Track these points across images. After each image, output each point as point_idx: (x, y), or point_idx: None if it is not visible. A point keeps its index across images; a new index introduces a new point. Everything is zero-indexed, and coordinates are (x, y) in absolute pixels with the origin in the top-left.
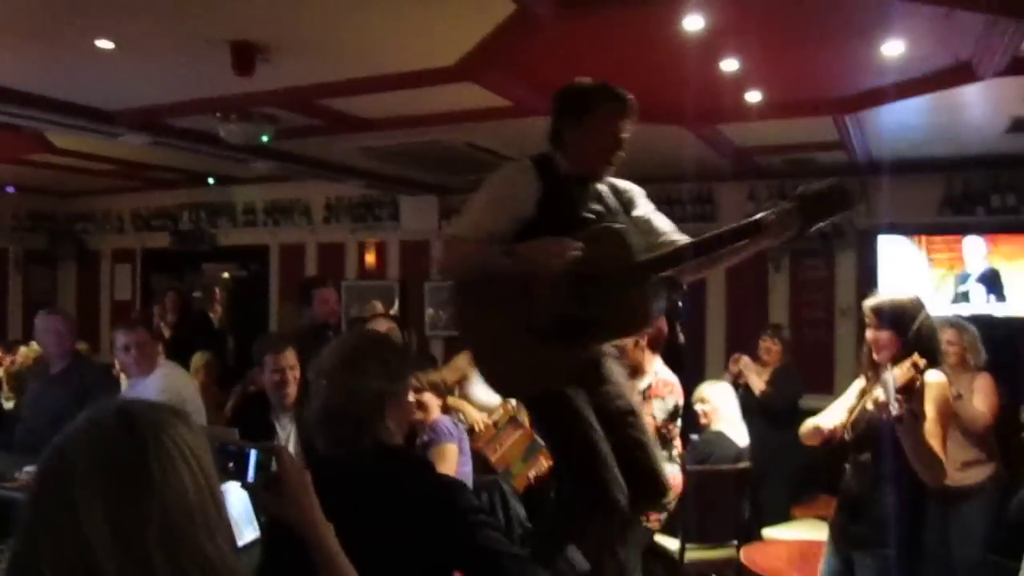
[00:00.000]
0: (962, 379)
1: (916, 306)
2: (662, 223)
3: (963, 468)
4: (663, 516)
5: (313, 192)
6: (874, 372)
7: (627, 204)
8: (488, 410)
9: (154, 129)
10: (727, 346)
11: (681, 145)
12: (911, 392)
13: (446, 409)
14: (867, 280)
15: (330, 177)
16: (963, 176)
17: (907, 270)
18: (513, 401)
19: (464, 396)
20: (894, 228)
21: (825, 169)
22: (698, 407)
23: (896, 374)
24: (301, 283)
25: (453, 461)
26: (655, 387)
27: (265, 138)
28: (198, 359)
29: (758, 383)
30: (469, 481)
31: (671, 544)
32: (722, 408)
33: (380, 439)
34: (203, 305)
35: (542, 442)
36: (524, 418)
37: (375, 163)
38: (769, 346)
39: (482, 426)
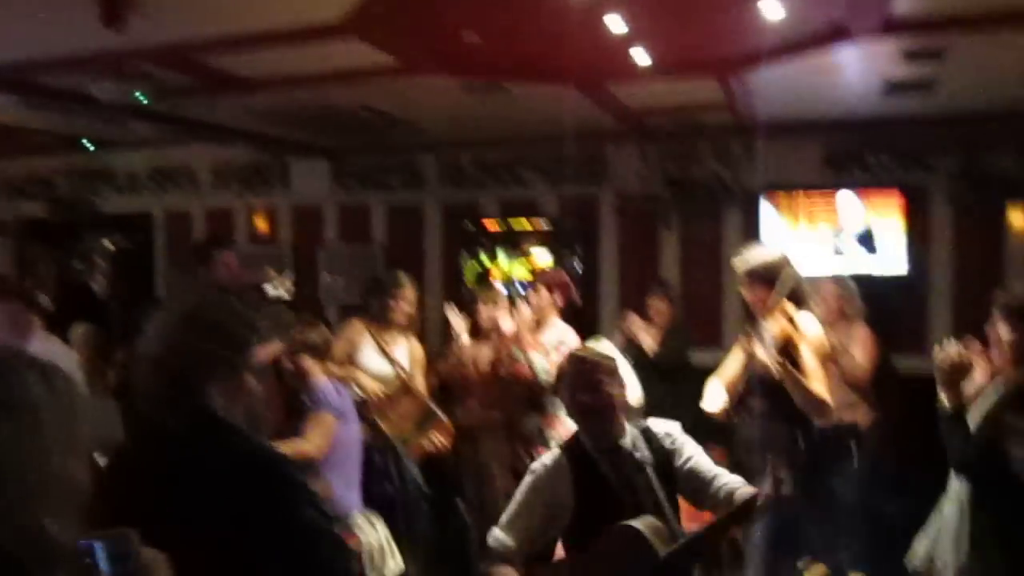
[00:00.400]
0: (841, 330)
1: (782, 262)
2: (705, 467)
3: (842, 409)
4: None
5: (199, 157)
6: (754, 327)
7: (667, 455)
8: (381, 379)
9: (21, 88)
10: (620, 306)
11: (570, 105)
12: (787, 341)
13: (329, 373)
14: (752, 238)
15: (216, 141)
16: (842, 136)
17: (788, 229)
18: (406, 369)
19: (355, 366)
20: (777, 187)
21: (712, 130)
22: None
23: (772, 328)
24: (200, 244)
25: (329, 430)
26: (561, 339)
27: (143, 98)
28: (78, 331)
29: (649, 342)
30: (356, 445)
31: None
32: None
33: (201, 405)
34: (84, 276)
35: (437, 411)
36: (418, 387)
37: (263, 126)
38: (658, 305)
39: (376, 395)
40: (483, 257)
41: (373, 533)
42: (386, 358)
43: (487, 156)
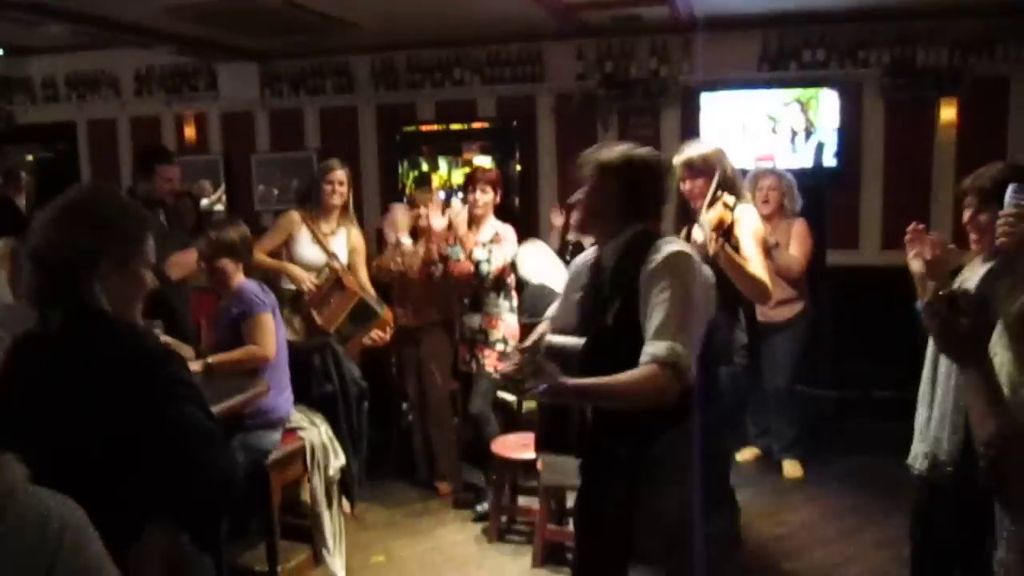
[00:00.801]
0: (780, 225)
1: (720, 154)
2: (651, 323)
3: (776, 306)
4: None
5: (121, 62)
6: (686, 219)
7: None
8: (315, 270)
9: None
10: (560, 201)
11: (505, 3)
12: (724, 228)
13: (249, 272)
14: (691, 135)
15: (137, 43)
16: (778, 32)
17: (728, 125)
18: (341, 262)
19: (291, 257)
20: (714, 84)
21: (651, 26)
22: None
23: (710, 216)
24: (141, 152)
25: (272, 329)
26: (500, 234)
27: None
28: (1, 246)
29: (587, 237)
30: (283, 345)
31: (511, 395)
32: (538, 263)
33: (82, 301)
34: (6, 191)
35: (374, 305)
36: (355, 278)
37: (185, 25)
38: None
39: (310, 286)
40: (423, 165)
41: (314, 431)
42: (321, 247)
43: (422, 57)
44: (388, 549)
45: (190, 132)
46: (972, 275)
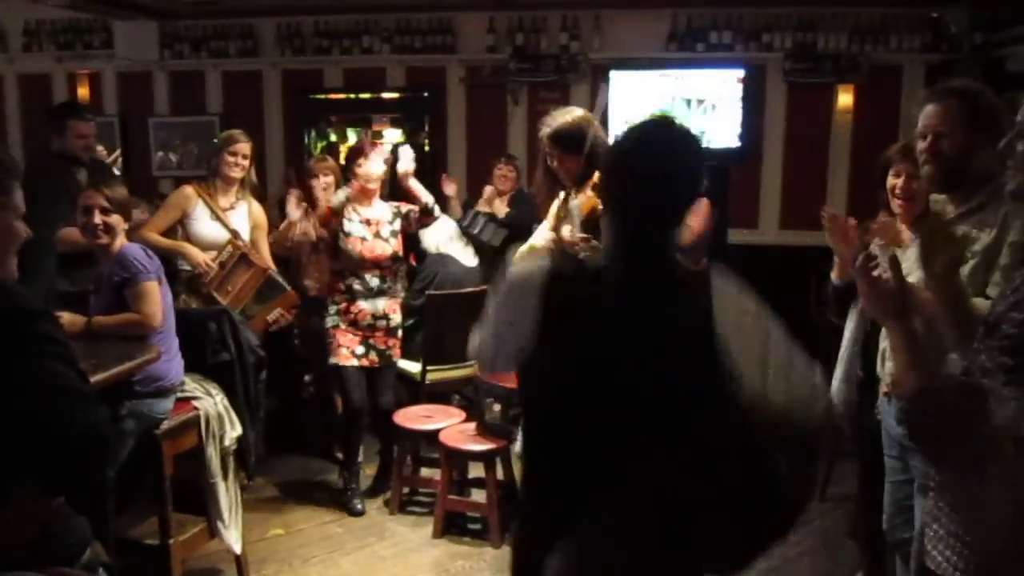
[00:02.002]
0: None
1: (587, 123)
2: None
3: None
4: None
5: (8, 14)
6: (554, 194)
7: None
8: (214, 248)
9: None
10: (468, 179)
11: None
12: (596, 218)
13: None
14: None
15: None
16: (687, 12)
17: (636, 102)
18: (244, 239)
19: (188, 236)
20: (623, 61)
21: (561, 1)
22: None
23: (579, 202)
24: (53, 108)
25: (157, 297)
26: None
27: None
28: None
29: (501, 207)
30: (170, 311)
31: (413, 367)
32: (439, 235)
33: None
34: None
35: (281, 281)
36: (257, 254)
37: None
38: (505, 173)
39: (209, 267)
40: (331, 135)
41: (209, 401)
42: (221, 224)
43: (330, 23)
44: (286, 522)
45: (83, 92)
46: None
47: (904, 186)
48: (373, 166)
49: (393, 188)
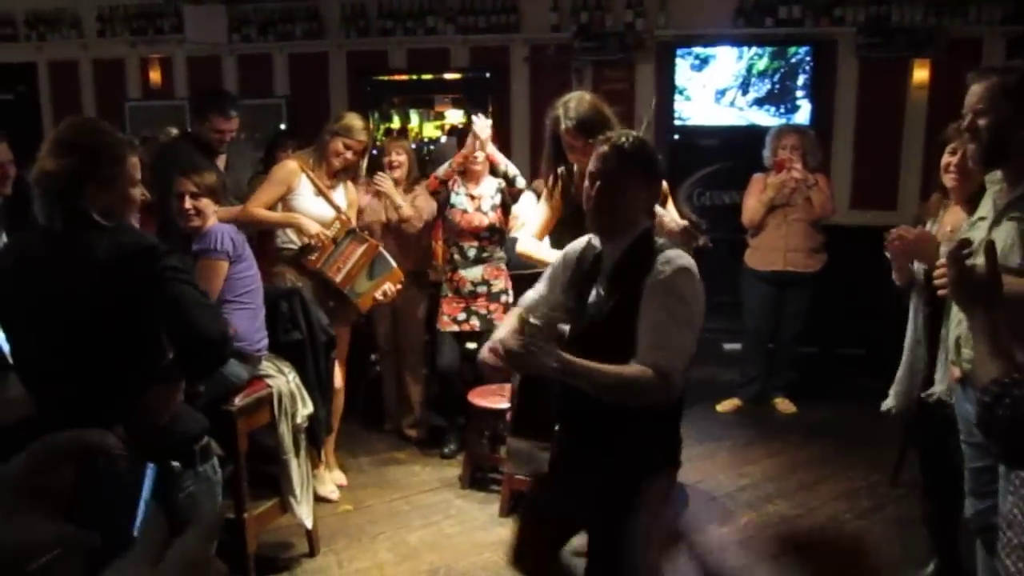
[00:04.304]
0: (807, 178)
1: (604, 106)
2: (643, 328)
3: (811, 254)
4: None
5: (83, 2)
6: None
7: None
8: (322, 223)
9: None
10: (531, 159)
11: None
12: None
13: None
14: (665, 90)
15: None
16: None
17: (705, 78)
18: (346, 213)
19: (290, 211)
20: (689, 38)
21: None
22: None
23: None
24: (200, 95)
25: (218, 277)
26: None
27: None
28: None
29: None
30: (258, 286)
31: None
32: (522, 216)
33: (75, 212)
34: None
35: (389, 258)
36: (365, 233)
37: None
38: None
39: (322, 239)
40: (395, 119)
41: (282, 379)
42: (325, 200)
43: (394, 4)
44: (356, 498)
45: (155, 76)
46: (951, 225)
47: (959, 163)
48: (479, 155)
49: (421, 172)
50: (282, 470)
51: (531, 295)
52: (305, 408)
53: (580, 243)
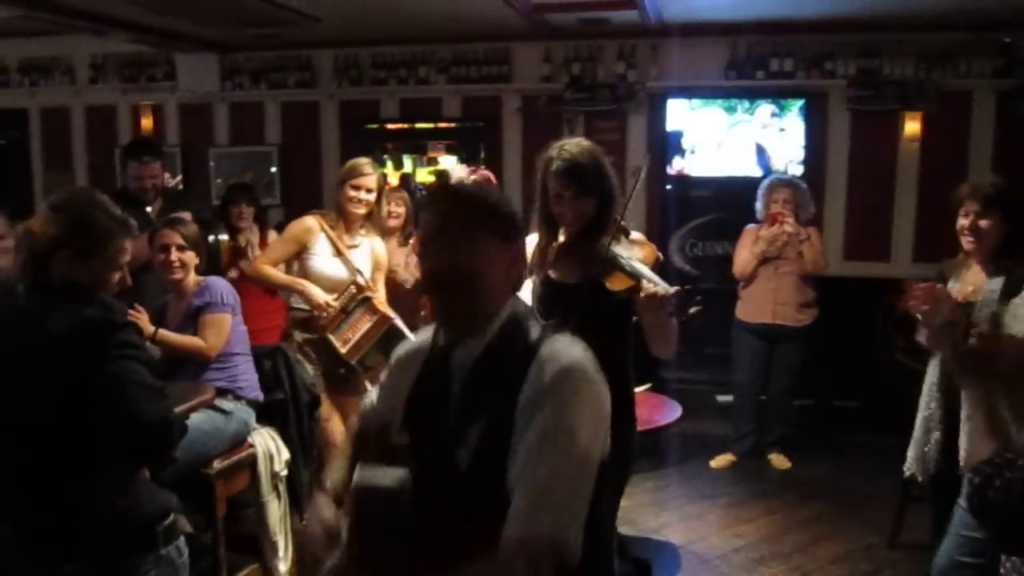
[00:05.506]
0: (799, 232)
1: (600, 154)
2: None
3: (800, 308)
4: None
5: (76, 48)
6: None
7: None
8: (335, 287)
9: None
10: (523, 208)
11: (473, 1)
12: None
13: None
14: (656, 141)
15: (92, 30)
16: (746, 40)
17: (695, 130)
18: (364, 277)
19: (305, 272)
20: (681, 90)
21: (618, 30)
22: None
23: (637, 254)
24: (125, 147)
25: (225, 331)
26: None
27: None
28: None
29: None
30: (246, 346)
31: None
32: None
33: (41, 279)
34: None
35: (405, 331)
36: (379, 302)
37: (142, 13)
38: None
39: (330, 310)
40: (388, 164)
41: (263, 439)
42: (343, 261)
43: (387, 54)
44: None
45: (147, 123)
46: (973, 286)
47: (971, 225)
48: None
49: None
50: (259, 516)
51: (367, 401)
52: (282, 456)
53: (421, 338)
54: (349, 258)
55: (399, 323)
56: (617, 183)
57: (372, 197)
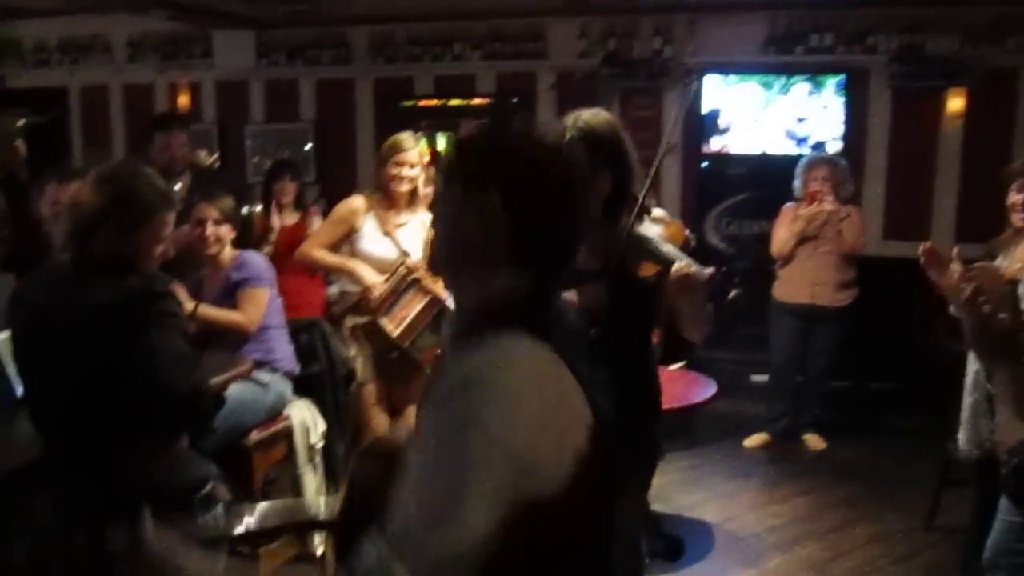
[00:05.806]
0: (839, 210)
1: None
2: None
3: (839, 288)
4: None
5: (114, 27)
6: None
7: None
8: (384, 268)
9: None
10: None
11: None
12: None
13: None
14: (692, 117)
15: (130, 8)
16: (786, 16)
17: (733, 105)
18: (414, 258)
19: (353, 252)
20: (719, 66)
21: (655, 5)
22: None
23: (660, 231)
24: (150, 121)
25: (264, 305)
26: None
27: None
28: None
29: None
30: (281, 319)
31: None
32: None
33: (84, 251)
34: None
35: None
36: (430, 282)
37: None
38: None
39: (380, 291)
40: (423, 140)
41: (300, 412)
42: (392, 241)
43: (421, 30)
44: None
45: (184, 100)
46: (1021, 262)
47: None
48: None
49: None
50: (295, 488)
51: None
52: (318, 429)
53: None
54: (397, 238)
55: (452, 304)
56: (637, 159)
57: (415, 173)
